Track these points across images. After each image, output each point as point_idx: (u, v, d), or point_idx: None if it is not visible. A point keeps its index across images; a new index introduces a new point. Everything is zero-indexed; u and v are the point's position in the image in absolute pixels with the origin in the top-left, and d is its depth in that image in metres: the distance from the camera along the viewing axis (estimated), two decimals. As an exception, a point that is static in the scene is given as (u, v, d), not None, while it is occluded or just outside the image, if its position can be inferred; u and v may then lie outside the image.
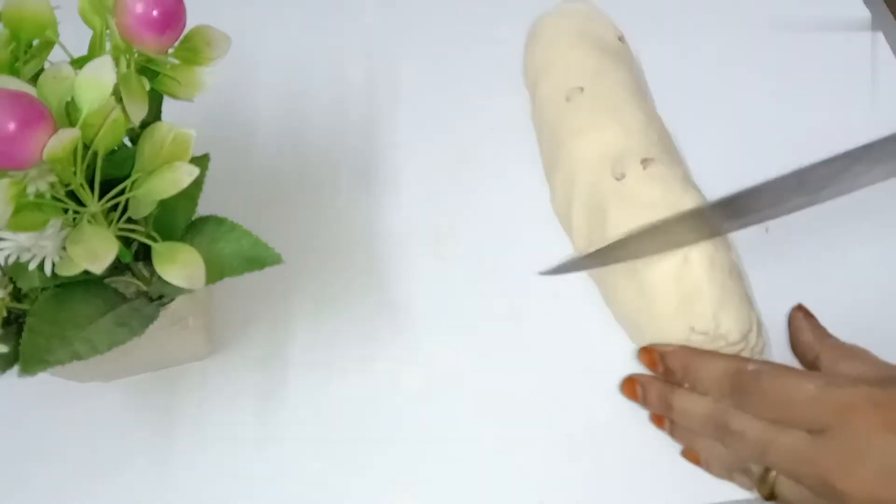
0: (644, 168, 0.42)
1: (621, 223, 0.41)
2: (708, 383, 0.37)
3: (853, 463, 0.31)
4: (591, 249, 0.40)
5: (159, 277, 0.30)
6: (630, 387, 0.40)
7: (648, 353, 0.40)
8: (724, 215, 0.39)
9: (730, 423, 0.35)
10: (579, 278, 0.44)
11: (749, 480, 0.37)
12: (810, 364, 0.39)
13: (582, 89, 0.46)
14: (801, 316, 0.40)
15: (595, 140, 0.44)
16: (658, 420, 0.40)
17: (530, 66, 0.50)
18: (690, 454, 0.39)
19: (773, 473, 0.35)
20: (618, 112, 0.45)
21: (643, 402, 0.40)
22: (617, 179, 0.42)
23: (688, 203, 0.40)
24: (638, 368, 0.41)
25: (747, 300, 0.40)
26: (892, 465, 0.31)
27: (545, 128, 0.48)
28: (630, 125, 0.44)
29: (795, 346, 0.40)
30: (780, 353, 0.41)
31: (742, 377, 0.36)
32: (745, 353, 0.39)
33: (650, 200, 0.40)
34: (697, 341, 0.39)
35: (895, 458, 0.31)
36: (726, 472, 0.38)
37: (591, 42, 0.48)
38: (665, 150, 0.43)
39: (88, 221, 0.29)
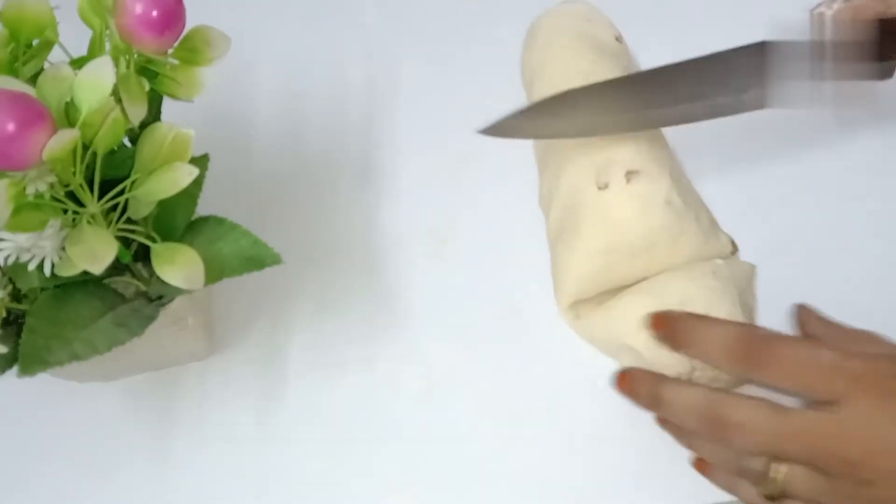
0: (627, 181, 0.42)
1: (592, 237, 0.41)
2: (716, 352, 0.33)
3: (873, 436, 0.29)
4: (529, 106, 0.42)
5: (158, 278, 0.30)
6: (622, 380, 0.36)
7: (656, 318, 0.35)
8: (642, 100, 0.41)
9: (729, 415, 0.31)
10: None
11: (751, 487, 0.33)
12: None
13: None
14: (806, 310, 0.39)
15: (583, 140, 0.44)
16: (662, 420, 0.36)
17: (528, 66, 0.50)
18: (699, 463, 0.36)
19: (782, 469, 0.31)
20: None
21: (633, 396, 0.35)
22: (599, 188, 0.42)
23: (663, 230, 0.40)
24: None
25: (738, 303, 0.40)
26: None
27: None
28: None
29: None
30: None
31: (755, 343, 0.32)
32: None
33: (625, 219, 0.41)
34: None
35: None
36: (728, 479, 0.35)
37: (588, 43, 0.48)
38: (653, 158, 0.43)
39: (88, 222, 0.30)
